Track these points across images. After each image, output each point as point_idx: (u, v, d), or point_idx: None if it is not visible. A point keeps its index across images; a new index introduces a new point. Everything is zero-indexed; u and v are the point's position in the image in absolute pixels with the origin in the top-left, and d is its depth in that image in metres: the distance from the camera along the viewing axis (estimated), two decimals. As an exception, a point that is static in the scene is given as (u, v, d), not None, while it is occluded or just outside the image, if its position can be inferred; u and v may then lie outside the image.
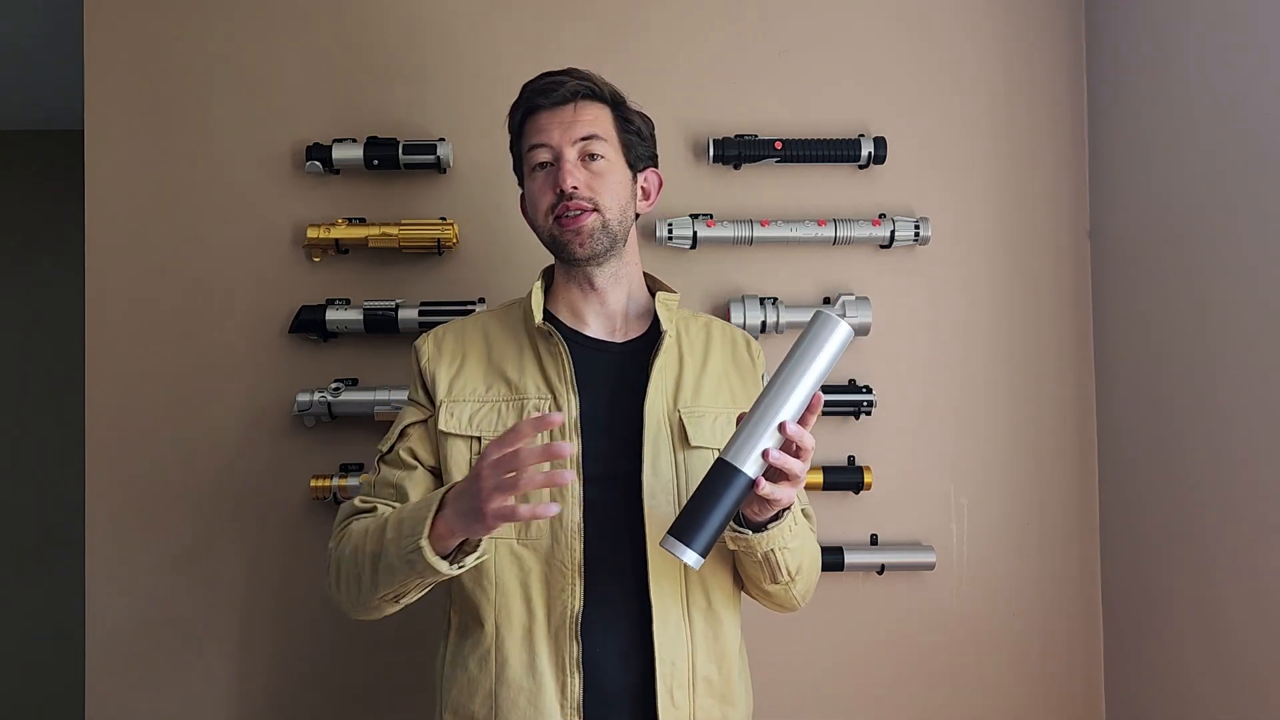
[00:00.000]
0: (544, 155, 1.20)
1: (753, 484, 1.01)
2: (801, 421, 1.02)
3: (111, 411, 1.71)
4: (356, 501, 1.22)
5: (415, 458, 1.22)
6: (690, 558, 0.99)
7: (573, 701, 1.12)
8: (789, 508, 1.09)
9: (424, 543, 1.00)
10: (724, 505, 1.00)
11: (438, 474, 1.22)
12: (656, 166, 1.31)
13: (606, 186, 1.20)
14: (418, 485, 1.21)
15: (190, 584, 1.71)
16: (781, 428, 1.00)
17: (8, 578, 3.31)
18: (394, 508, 1.16)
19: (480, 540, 1.05)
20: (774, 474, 1.02)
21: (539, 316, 1.22)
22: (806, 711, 1.74)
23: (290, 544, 1.71)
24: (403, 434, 1.24)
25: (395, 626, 1.68)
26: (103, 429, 1.71)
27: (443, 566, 1.02)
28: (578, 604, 1.13)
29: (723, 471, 1.01)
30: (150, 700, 1.70)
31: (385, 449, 1.24)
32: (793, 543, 1.13)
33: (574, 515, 1.15)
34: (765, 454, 1.00)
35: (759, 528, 1.10)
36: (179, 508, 1.71)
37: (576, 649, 1.13)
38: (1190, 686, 1.54)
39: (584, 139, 1.20)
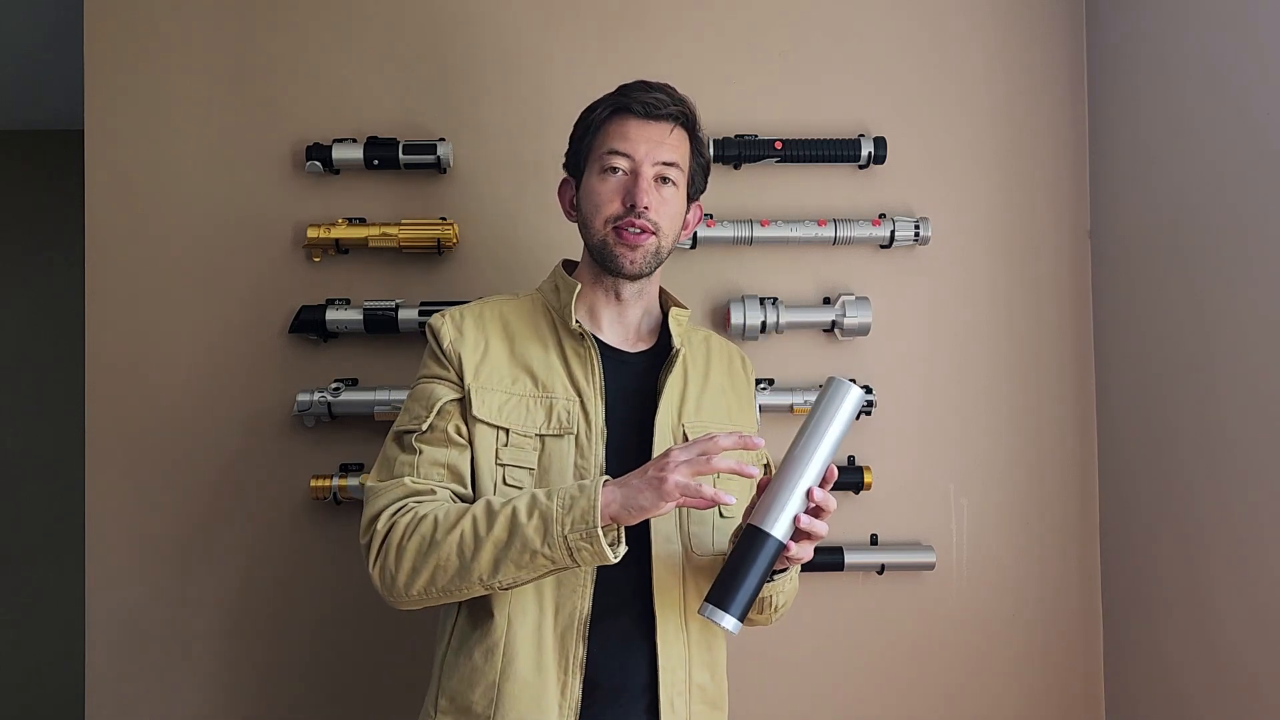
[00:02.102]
0: (621, 163, 1.20)
1: (783, 547, 1.04)
2: (820, 486, 1.06)
3: (111, 411, 1.71)
4: (408, 481, 1.13)
5: (461, 435, 1.17)
6: (729, 623, 1.02)
7: (571, 702, 1.12)
8: None
9: (599, 529, 1.01)
10: (759, 570, 1.03)
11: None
12: (700, 200, 1.33)
13: (669, 214, 1.22)
14: (469, 466, 1.17)
15: (190, 583, 1.71)
16: (809, 494, 1.04)
17: (8, 577, 3.32)
18: (451, 491, 1.14)
19: (622, 533, 1.04)
20: (798, 535, 1.05)
21: (574, 319, 1.22)
22: (807, 711, 1.74)
23: (290, 544, 1.71)
24: (442, 411, 1.17)
25: (397, 624, 1.68)
26: (103, 429, 1.71)
27: (610, 556, 1.02)
28: (587, 606, 1.14)
29: (756, 537, 1.04)
30: (150, 698, 1.70)
31: (422, 426, 1.16)
32: (787, 586, 1.22)
33: None
34: (796, 519, 1.04)
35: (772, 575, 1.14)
36: (179, 507, 1.71)
37: (581, 650, 1.13)
38: (1189, 686, 1.54)
39: (666, 164, 1.20)
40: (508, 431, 1.17)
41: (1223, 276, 1.46)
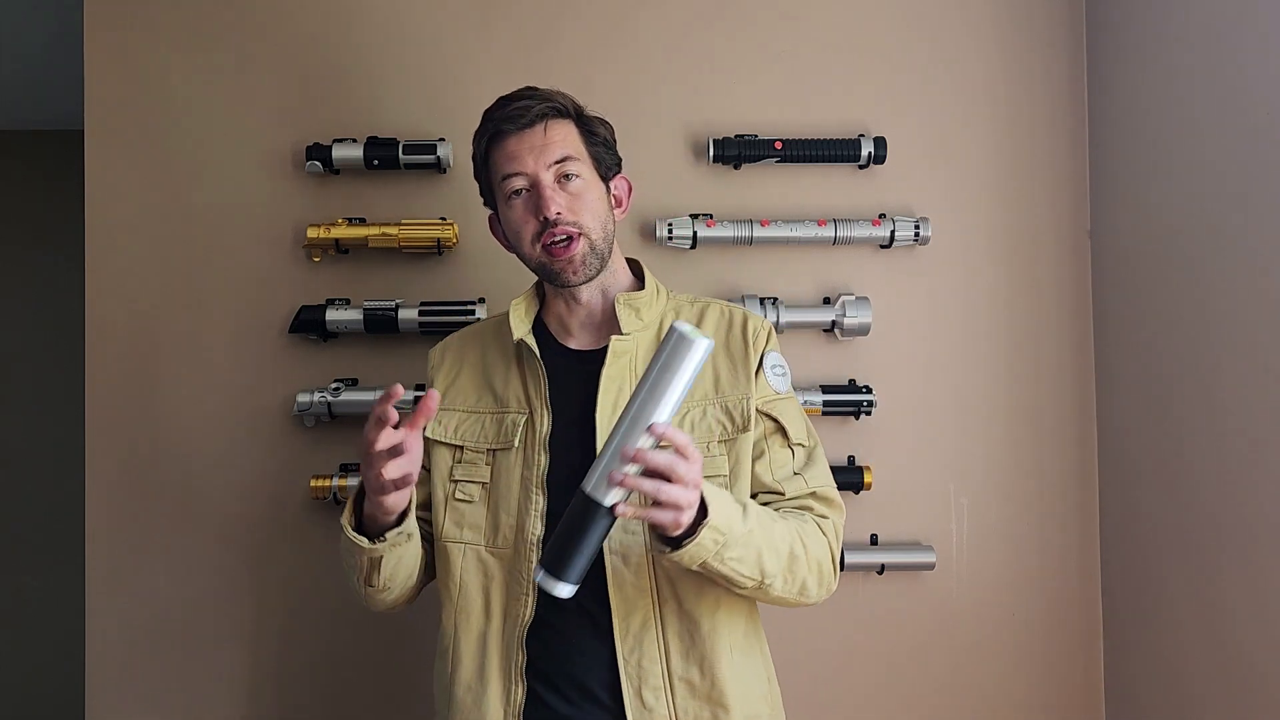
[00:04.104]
0: (520, 183, 1.19)
1: (611, 510, 0.97)
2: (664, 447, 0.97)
3: (111, 411, 1.71)
4: None
5: (424, 467, 1.24)
6: (562, 590, 0.98)
7: (514, 708, 1.15)
8: (706, 520, 1.00)
9: (343, 520, 1.12)
10: (587, 535, 0.97)
11: None
12: (621, 170, 1.30)
13: (586, 206, 1.19)
14: (420, 489, 1.23)
15: (190, 584, 1.71)
16: (623, 453, 0.95)
17: (8, 577, 3.32)
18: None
19: (405, 519, 1.11)
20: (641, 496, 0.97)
21: (518, 333, 1.22)
22: (806, 710, 1.74)
23: (290, 544, 1.71)
24: None
25: (398, 625, 1.68)
26: (103, 429, 1.71)
27: (361, 541, 1.10)
28: (529, 613, 1.16)
29: (580, 501, 0.98)
30: (149, 700, 1.70)
31: None
32: (731, 552, 1.04)
33: (535, 529, 1.16)
34: (611, 478, 0.94)
35: (676, 544, 1.02)
36: (179, 507, 1.71)
37: (522, 658, 1.16)
38: (1190, 686, 1.54)
39: (558, 161, 1.19)
40: (461, 449, 1.23)
41: (1223, 276, 1.46)
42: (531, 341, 1.22)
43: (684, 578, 1.16)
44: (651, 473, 0.96)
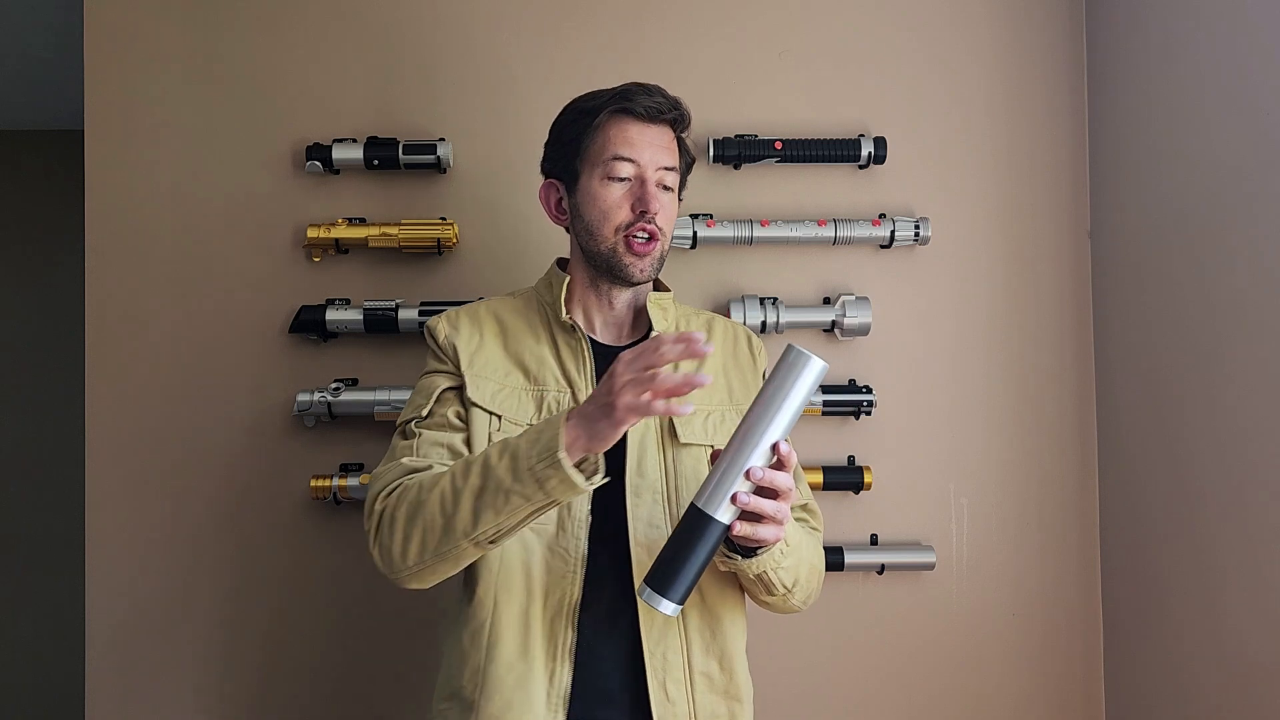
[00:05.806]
0: (628, 170, 1.19)
1: (728, 528, 0.98)
2: (775, 468, 0.99)
3: (111, 411, 1.71)
4: (406, 461, 1.15)
5: (460, 419, 1.20)
6: (667, 608, 0.97)
7: (560, 690, 1.12)
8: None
9: (563, 455, 0.97)
10: (699, 553, 0.98)
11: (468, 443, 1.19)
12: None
13: (669, 218, 1.23)
14: (467, 449, 1.18)
15: (190, 584, 1.71)
16: (748, 474, 0.97)
17: (8, 577, 3.32)
18: (448, 466, 1.12)
19: (599, 463, 1.02)
20: (751, 515, 0.99)
21: (565, 311, 1.23)
22: (806, 711, 1.74)
23: (290, 544, 1.71)
24: (440, 398, 1.20)
25: (398, 625, 1.68)
26: (103, 429, 1.71)
27: (580, 479, 0.98)
28: (576, 593, 1.13)
29: (696, 518, 0.98)
30: (150, 700, 1.70)
31: (423, 413, 1.20)
32: (785, 561, 1.11)
33: (584, 507, 1.15)
34: (735, 498, 0.97)
35: (749, 553, 1.08)
36: (179, 508, 1.71)
37: (571, 637, 1.13)
38: (1191, 686, 1.54)
39: (667, 168, 1.21)
40: (500, 417, 1.19)
41: (1223, 276, 1.46)
42: (575, 322, 1.23)
43: (707, 575, 1.17)
44: (763, 490, 0.98)
